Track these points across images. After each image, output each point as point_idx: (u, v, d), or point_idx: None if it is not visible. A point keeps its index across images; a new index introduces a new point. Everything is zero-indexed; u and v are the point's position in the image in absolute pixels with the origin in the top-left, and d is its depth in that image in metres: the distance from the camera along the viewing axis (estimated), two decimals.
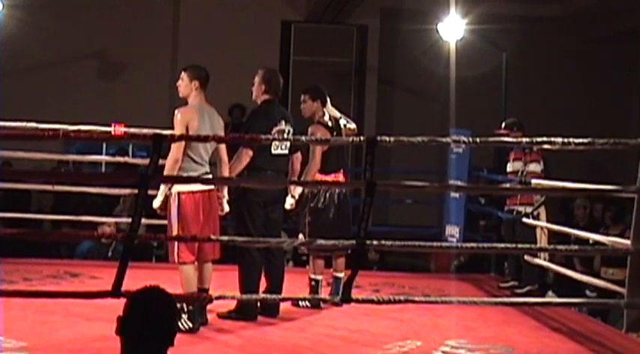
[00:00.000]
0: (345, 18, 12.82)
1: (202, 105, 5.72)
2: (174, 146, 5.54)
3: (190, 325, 5.52)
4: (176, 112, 5.65)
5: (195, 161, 5.60)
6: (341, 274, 6.71)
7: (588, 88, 13.37)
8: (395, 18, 12.95)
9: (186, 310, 5.52)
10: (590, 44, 13.26)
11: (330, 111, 6.78)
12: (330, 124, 6.70)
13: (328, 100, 6.78)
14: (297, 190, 6.47)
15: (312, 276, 6.69)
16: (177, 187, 5.57)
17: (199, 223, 5.57)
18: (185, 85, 5.75)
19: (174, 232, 5.57)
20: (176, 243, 5.54)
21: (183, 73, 5.78)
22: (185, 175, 5.58)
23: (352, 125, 6.91)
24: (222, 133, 5.86)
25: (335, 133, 6.64)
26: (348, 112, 7.14)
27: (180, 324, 5.46)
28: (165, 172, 5.58)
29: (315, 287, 6.66)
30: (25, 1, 11.22)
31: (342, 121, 6.83)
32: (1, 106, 9.96)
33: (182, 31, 12.83)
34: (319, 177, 6.57)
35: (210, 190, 5.66)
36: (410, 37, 12.45)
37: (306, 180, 6.47)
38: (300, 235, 6.64)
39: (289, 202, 6.47)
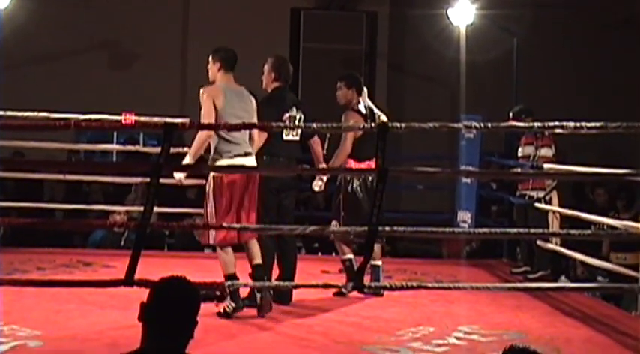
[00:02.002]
0: (355, 4, 12.79)
1: (229, 85, 5.72)
2: (203, 119, 5.54)
3: (234, 304, 5.59)
4: (201, 90, 5.66)
5: (229, 141, 5.59)
6: (379, 262, 6.63)
7: (599, 73, 13.30)
8: (404, 3, 12.91)
9: (228, 291, 5.58)
10: (602, 29, 13.19)
11: (366, 100, 6.75)
12: (364, 112, 6.66)
13: (365, 89, 6.76)
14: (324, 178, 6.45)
15: (344, 257, 6.63)
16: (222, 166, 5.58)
17: (235, 204, 5.57)
18: (210, 67, 5.79)
19: (210, 213, 5.56)
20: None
21: (209, 57, 5.81)
22: (219, 156, 5.57)
23: (384, 117, 6.81)
24: (254, 113, 5.80)
25: (369, 122, 6.58)
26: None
27: (225, 307, 5.57)
28: (194, 145, 5.58)
29: (350, 267, 6.57)
30: None
31: (376, 111, 6.79)
32: (12, 96, 9.99)
33: (192, 19, 12.82)
34: (352, 164, 6.55)
35: (249, 169, 5.66)
36: (420, 23, 12.40)
37: (334, 165, 6.46)
38: (334, 222, 6.59)
39: (317, 184, 6.45)
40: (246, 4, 12.66)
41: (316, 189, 6.48)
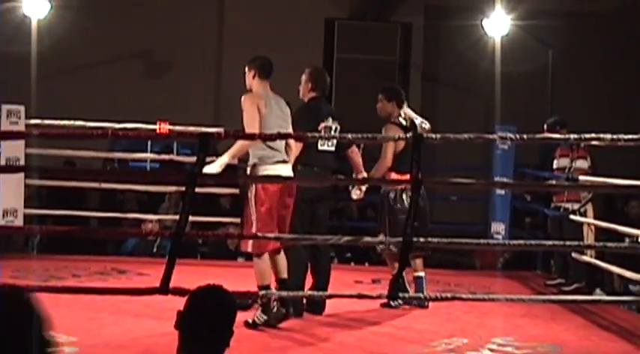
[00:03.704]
0: (389, 15, 12.79)
1: (267, 92, 5.76)
2: (248, 125, 5.56)
3: (265, 317, 5.58)
4: (243, 98, 5.69)
5: (271, 147, 5.62)
6: (422, 273, 6.62)
7: (635, 85, 13.18)
8: (439, 14, 12.89)
9: (260, 302, 5.57)
10: (637, 41, 13.08)
11: (407, 112, 6.75)
12: (404, 123, 6.66)
13: (405, 101, 6.76)
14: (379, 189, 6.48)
15: (415, 274, 6.59)
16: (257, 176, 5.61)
17: (276, 213, 5.59)
18: (247, 76, 5.83)
19: (253, 222, 5.57)
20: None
21: (246, 66, 5.86)
22: (261, 162, 5.60)
23: (427, 125, 6.81)
24: (290, 121, 5.84)
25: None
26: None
27: (255, 318, 5.56)
28: (234, 148, 5.58)
29: (420, 284, 6.56)
30: (72, 2, 11.36)
31: (418, 121, 6.77)
32: (49, 104, 10.11)
33: (226, 29, 12.90)
34: (394, 176, 6.55)
35: (287, 178, 5.69)
36: (454, 34, 12.38)
37: (374, 176, 6.46)
38: (381, 235, 6.58)
39: (356, 193, 6.46)
40: (280, 14, 12.71)
41: (354, 197, 6.49)
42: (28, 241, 9.20)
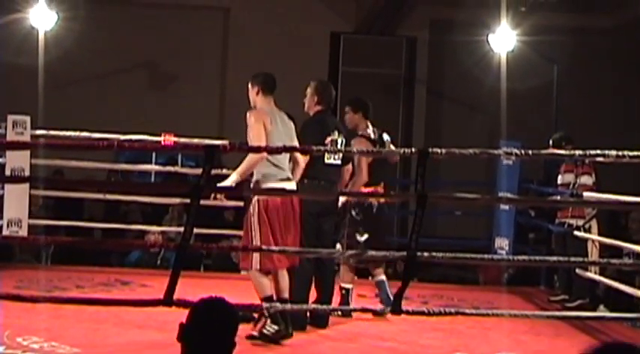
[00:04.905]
0: (394, 29, 12.80)
1: (272, 108, 5.76)
2: (255, 142, 5.54)
3: (276, 327, 5.54)
4: (248, 114, 5.68)
5: (275, 165, 5.62)
6: (384, 277, 6.73)
7: None
8: (444, 29, 12.91)
9: (267, 314, 5.54)
10: None
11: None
12: (372, 136, 6.71)
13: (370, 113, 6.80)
14: (341, 200, 6.51)
15: (343, 285, 6.71)
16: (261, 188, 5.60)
17: (278, 230, 5.56)
18: (250, 92, 5.82)
19: (255, 240, 5.55)
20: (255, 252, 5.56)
21: (249, 83, 5.86)
22: (265, 179, 5.60)
23: (388, 137, 6.88)
24: (295, 137, 5.86)
25: (378, 146, 6.64)
26: (396, 124, 7.18)
27: (265, 330, 5.52)
28: (243, 166, 5.57)
29: (345, 296, 6.68)
30: (79, 13, 11.40)
31: (385, 137, 6.82)
32: (55, 115, 10.14)
33: (232, 42, 12.93)
34: (363, 189, 6.59)
35: (292, 193, 5.68)
36: (460, 49, 12.39)
37: (353, 191, 6.49)
38: (338, 245, 6.66)
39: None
40: (286, 27, 12.73)
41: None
42: (42, 252, 9.20)
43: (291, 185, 5.72)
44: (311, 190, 6.05)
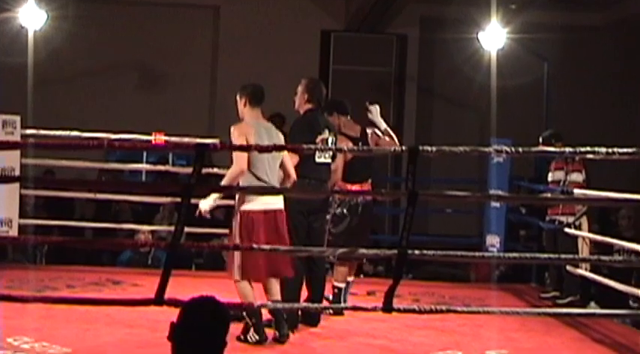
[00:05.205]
0: (385, 27, 12.81)
1: (258, 121, 5.72)
2: (236, 157, 5.51)
3: (257, 337, 5.52)
4: (232, 128, 5.63)
5: (258, 178, 5.56)
6: (351, 278, 6.85)
7: (630, 98, 13.23)
8: (435, 27, 12.92)
9: (251, 323, 5.52)
10: (633, 54, 13.13)
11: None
12: (352, 134, 6.72)
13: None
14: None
15: (336, 284, 6.73)
16: (241, 206, 5.55)
17: (264, 242, 5.47)
18: (238, 104, 5.78)
19: (236, 253, 5.52)
20: (237, 261, 5.54)
21: (237, 95, 5.82)
22: (251, 197, 5.53)
23: (373, 130, 6.91)
24: (279, 154, 5.79)
25: (360, 144, 6.64)
26: (387, 121, 7.15)
27: (247, 337, 5.51)
28: (224, 181, 5.56)
29: (338, 294, 6.69)
30: (68, 13, 11.38)
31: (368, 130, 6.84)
32: (45, 115, 10.11)
33: (222, 41, 12.91)
34: (344, 186, 6.59)
35: (275, 211, 5.60)
36: (450, 46, 12.41)
37: (343, 190, 6.51)
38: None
39: None
40: (276, 25, 12.72)
41: None
42: (36, 252, 9.18)
43: (279, 201, 5.66)
44: (301, 188, 6.05)
